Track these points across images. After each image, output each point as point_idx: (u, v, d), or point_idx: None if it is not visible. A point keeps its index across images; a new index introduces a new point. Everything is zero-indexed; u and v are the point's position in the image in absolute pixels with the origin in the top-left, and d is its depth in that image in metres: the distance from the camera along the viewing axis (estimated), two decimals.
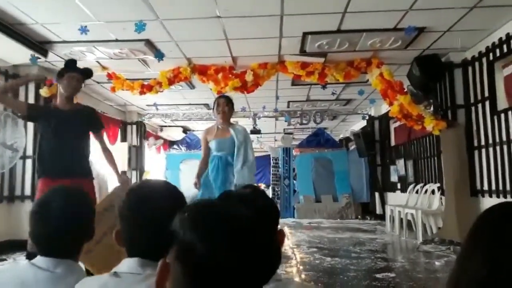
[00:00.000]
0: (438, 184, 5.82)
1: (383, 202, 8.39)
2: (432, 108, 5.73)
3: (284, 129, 11.74)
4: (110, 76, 5.85)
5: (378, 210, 8.70)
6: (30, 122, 4.61)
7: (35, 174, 5.33)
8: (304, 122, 8.96)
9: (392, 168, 8.20)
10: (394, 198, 7.96)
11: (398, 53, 5.26)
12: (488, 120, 4.79)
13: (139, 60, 5.46)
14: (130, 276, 1.05)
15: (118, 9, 3.95)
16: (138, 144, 9.40)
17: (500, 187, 4.55)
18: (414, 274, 3.92)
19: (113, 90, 6.12)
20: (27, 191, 5.51)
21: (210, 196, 3.71)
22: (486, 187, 4.84)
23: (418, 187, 6.53)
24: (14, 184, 5.49)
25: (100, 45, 4.86)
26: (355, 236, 6.47)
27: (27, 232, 1.38)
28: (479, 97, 4.95)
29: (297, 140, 12.08)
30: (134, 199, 1.15)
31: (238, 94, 5.84)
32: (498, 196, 4.60)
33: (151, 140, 10.77)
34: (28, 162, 5.53)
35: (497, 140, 4.62)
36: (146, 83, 5.85)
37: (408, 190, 6.90)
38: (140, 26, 4.11)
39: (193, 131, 11.74)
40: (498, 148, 4.60)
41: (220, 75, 5.58)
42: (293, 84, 6.80)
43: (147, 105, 8.51)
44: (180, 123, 10.89)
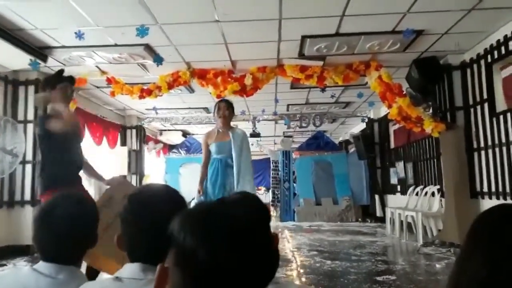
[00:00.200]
0: (438, 186, 5.83)
1: (383, 205, 8.39)
2: (431, 110, 5.73)
3: (284, 132, 11.73)
4: (110, 81, 5.86)
5: (378, 213, 8.69)
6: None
7: (35, 180, 5.32)
8: (303, 125, 8.96)
9: (392, 170, 8.20)
10: (394, 200, 7.95)
11: (397, 55, 5.26)
12: (487, 122, 4.79)
13: (138, 65, 5.47)
14: (132, 281, 1.05)
15: (117, 14, 3.96)
16: (138, 148, 9.38)
17: (500, 189, 4.55)
18: (414, 276, 3.92)
19: (112, 94, 6.14)
20: (27, 196, 5.49)
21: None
22: (485, 189, 4.84)
23: (418, 189, 6.53)
24: (14, 189, 5.48)
25: (99, 50, 4.86)
26: (356, 239, 6.46)
27: (27, 237, 1.38)
28: (478, 99, 4.95)
29: (296, 143, 12.07)
30: (135, 204, 1.16)
31: (238, 97, 5.84)
32: (498, 198, 4.60)
33: (151, 144, 10.76)
34: (28, 167, 5.52)
35: (496, 142, 4.62)
36: (145, 88, 5.86)
37: (408, 193, 6.90)
38: (142, 31, 4.12)
39: (192, 135, 11.74)
40: (497, 149, 4.60)
41: (219, 79, 5.59)
42: (292, 87, 6.81)
43: (146, 109, 8.51)
44: (180, 127, 10.89)
